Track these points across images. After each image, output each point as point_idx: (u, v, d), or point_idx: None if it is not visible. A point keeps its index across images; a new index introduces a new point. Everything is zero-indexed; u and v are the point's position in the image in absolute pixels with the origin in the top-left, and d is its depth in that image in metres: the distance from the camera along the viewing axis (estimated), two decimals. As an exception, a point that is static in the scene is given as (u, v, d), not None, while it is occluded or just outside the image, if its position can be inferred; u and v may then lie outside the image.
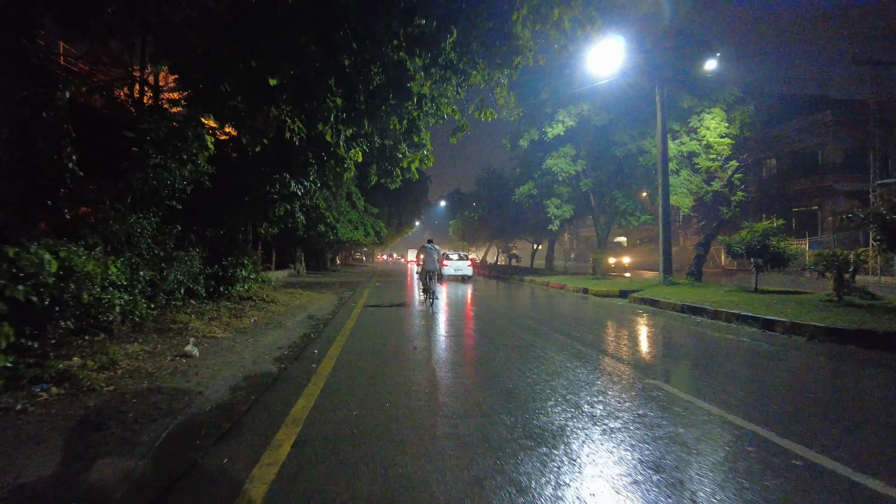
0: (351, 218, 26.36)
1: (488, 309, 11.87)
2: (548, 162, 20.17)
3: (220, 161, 10.91)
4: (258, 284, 13.06)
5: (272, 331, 8.27)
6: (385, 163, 13.36)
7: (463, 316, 10.46)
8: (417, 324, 9.19)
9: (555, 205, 20.78)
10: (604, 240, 22.18)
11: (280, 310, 11.06)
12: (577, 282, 19.01)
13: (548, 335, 7.95)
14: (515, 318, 10.04)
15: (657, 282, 17.01)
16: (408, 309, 11.71)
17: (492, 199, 33.35)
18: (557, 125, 19.54)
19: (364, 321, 9.44)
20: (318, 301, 13.38)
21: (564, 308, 12.42)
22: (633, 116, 19.87)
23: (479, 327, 8.90)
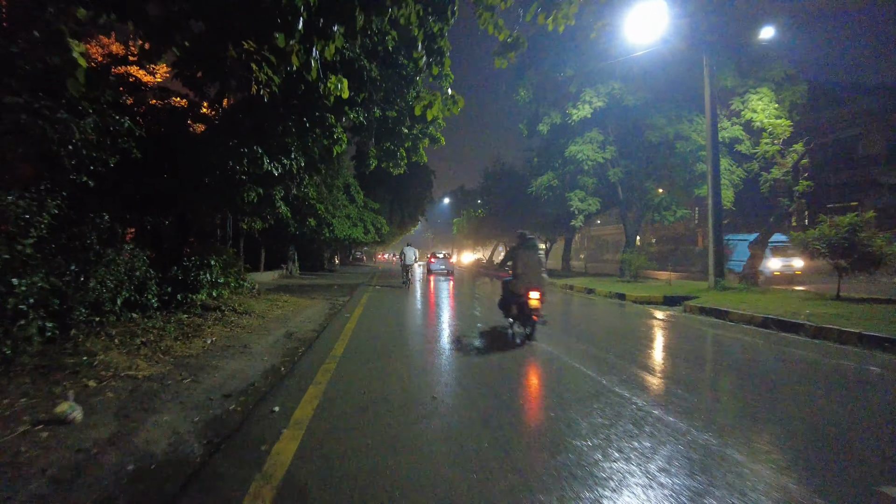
0: (349, 213, 23.97)
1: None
2: (571, 148, 17.74)
3: (174, 134, 8.50)
4: (232, 290, 10.66)
5: (229, 360, 5.88)
6: (386, 141, 10.95)
7: (501, 340, 8.05)
8: (435, 348, 6.77)
9: (578, 197, 18.34)
10: (633, 237, 19.74)
11: (253, 324, 8.67)
12: (606, 285, 16.59)
13: (615, 369, 5.54)
14: (563, 340, 7.62)
15: (706, 286, 14.59)
16: (417, 322, 9.31)
17: (501, 195, 30.92)
18: (583, 106, 17.11)
19: (359, 342, 7.04)
20: (306, 310, 10.98)
21: (608, 322, 10.01)
22: (669, 97, 17.44)
23: (528, 360, 6.49)
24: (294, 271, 23.75)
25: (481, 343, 7.20)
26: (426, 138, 10.63)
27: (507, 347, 6.91)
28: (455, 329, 8.30)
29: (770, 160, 14.74)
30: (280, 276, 21.93)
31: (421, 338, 7.51)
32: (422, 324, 9.07)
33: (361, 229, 25.05)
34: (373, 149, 11.48)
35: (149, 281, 8.40)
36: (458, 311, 11.13)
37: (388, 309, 11.46)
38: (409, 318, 9.96)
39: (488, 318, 9.55)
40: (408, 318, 9.83)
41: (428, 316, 10.23)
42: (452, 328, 8.39)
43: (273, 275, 20.91)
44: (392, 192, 33.41)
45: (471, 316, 10.19)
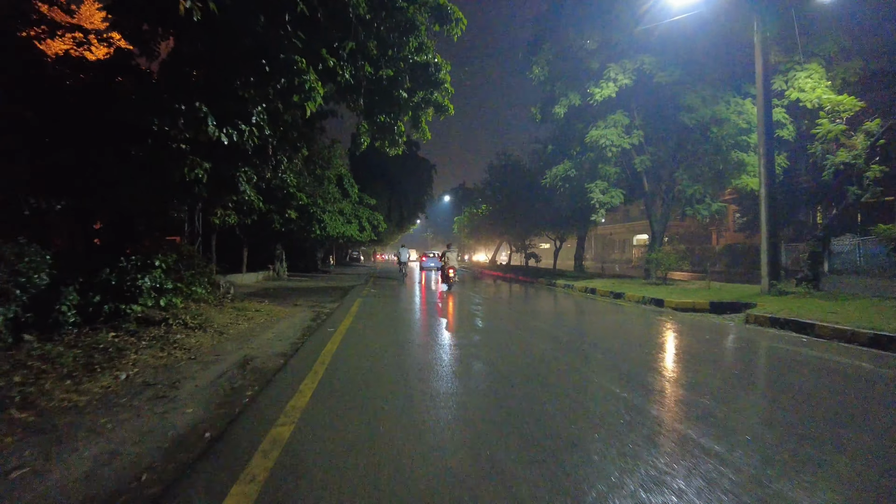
0: (342, 209, 21.82)
1: (557, 343, 7.30)
2: (592, 133, 15.61)
3: (90, 93, 6.34)
4: (194, 296, 8.51)
5: (127, 417, 3.75)
6: (381, 111, 8.79)
7: (528, 365, 5.90)
8: (443, 389, 4.61)
9: (600, 189, 16.20)
10: (660, 234, 17.60)
11: (203, 345, 6.54)
12: (634, 288, 14.47)
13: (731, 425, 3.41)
14: (611, 373, 5.48)
15: (755, 290, 12.49)
16: (416, 336, 7.15)
17: (507, 190, 28.77)
18: (607, 85, 15.00)
19: (337, 377, 4.89)
20: (281, 322, 8.83)
21: (659, 340, 7.87)
22: (705, 74, 15.33)
23: (568, 406, 4.31)
24: (281, 272, 21.59)
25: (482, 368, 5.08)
26: (430, 107, 8.51)
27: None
28: (467, 356, 6.16)
29: (833, 142, 12.62)
30: (265, 277, 19.76)
31: (425, 365, 5.37)
32: (422, 340, 6.92)
33: (356, 227, 22.90)
34: (364, 123, 9.35)
35: (63, 288, 6.29)
36: (454, 317, 9.01)
37: (381, 319, 9.31)
38: (406, 331, 7.81)
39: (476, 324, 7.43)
40: (405, 332, 7.68)
41: (427, 325, 8.10)
42: (460, 351, 6.25)
43: (256, 277, 18.74)
44: (390, 187, 31.26)
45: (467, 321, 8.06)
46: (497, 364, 5.47)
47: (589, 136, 15.69)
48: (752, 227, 30.65)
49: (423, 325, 8.66)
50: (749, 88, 15.68)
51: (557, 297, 14.74)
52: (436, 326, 8.43)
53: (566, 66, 16.41)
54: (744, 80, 15.83)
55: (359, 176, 27.31)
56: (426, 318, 9.67)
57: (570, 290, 16.62)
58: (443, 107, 8.42)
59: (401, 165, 31.94)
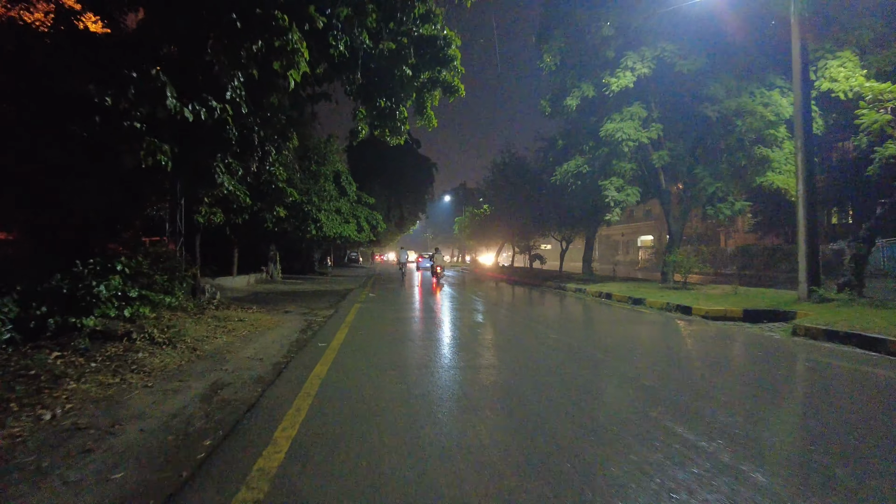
0: (339, 208, 20.71)
1: (584, 360, 6.21)
2: (607, 126, 14.54)
3: (17, 54, 5.22)
4: (157, 305, 7.40)
5: (23, 493, 2.64)
6: (381, 94, 7.71)
7: (559, 396, 4.80)
8: (461, 436, 3.50)
9: (615, 186, 15.12)
10: (678, 235, 16.51)
11: (167, 366, 5.45)
12: (654, 293, 13.39)
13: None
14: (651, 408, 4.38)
15: (791, 297, 11.42)
16: (422, 353, 6.05)
17: (511, 189, 27.69)
18: (624, 74, 13.94)
19: (327, 414, 3.79)
20: (266, 335, 7.74)
21: (706, 360, 6.81)
22: (728, 63, 14.28)
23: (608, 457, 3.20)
24: (275, 275, 20.48)
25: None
26: (438, 88, 7.43)
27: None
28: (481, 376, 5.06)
29: (881, 133, 11.54)
30: (257, 280, 18.65)
31: (435, 398, 4.27)
32: (428, 360, 5.82)
33: (354, 226, 21.80)
34: (362, 109, 8.26)
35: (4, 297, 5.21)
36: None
37: (380, 331, 8.21)
38: (408, 348, 6.71)
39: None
40: (407, 350, 6.58)
41: (433, 340, 7.00)
42: (475, 368, 5.16)
43: (248, 280, 17.63)
44: (389, 185, 30.15)
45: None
46: (522, 395, 4.37)
47: (604, 130, 14.62)
48: (764, 228, 29.61)
49: (428, 339, 7.56)
50: (775, 79, 14.64)
51: (571, 303, 13.66)
52: (442, 341, 7.33)
53: (579, 54, 15.35)
54: (769, 71, 14.78)
55: (357, 173, 26.20)
56: (430, 329, 8.57)
57: (583, 294, 15.54)
58: (452, 87, 7.33)
59: (401, 163, 30.87)
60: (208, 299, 11.93)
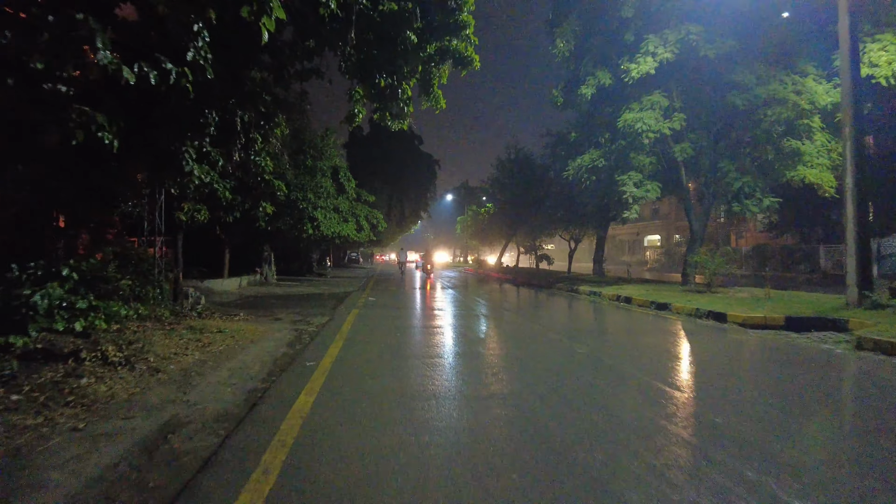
0: (338, 206, 19.63)
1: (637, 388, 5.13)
2: (626, 117, 13.45)
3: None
4: (112, 318, 6.30)
5: None
6: (381, 68, 6.62)
7: (601, 438, 3.72)
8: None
9: (634, 181, 14.03)
10: (700, 234, 15.41)
11: (115, 394, 4.40)
12: (678, 298, 12.31)
13: None
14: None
15: (835, 302, 10.35)
16: (438, 389, 4.95)
17: (517, 187, 26.60)
18: (645, 60, 12.86)
19: (308, 489, 2.71)
20: (246, 350, 6.64)
21: (768, 383, 5.74)
22: (758, 48, 13.20)
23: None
24: (269, 277, 19.39)
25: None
26: (447, 60, 6.34)
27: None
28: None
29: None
30: (250, 283, 17.57)
31: (452, 451, 3.19)
32: (437, 386, 4.74)
33: (353, 225, 20.71)
34: (358, 88, 7.18)
35: None
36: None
37: (380, 342, 7.13)
38: (414, 368, 5.62)
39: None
40: (412, 371, 5.50)
41: (441, 358, 5.92)
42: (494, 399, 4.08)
43: (239, 282, 16.55)
44: (390, 183, 29.07)
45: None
46: (561, 441, 3.28)
47: (622, 121, 13.53)
48: (780, 227, 28.49)
49: (435, 356, 6.47)
50: (805, 66, 13.54)
51: (588, 308, 12.57)
52: (452, 359, 6.25)
53: (595, 39, 14.28)
54: (799, 57, 13.69)
55: (356, 170, 25.12)
56: (437, 343, 7.48)
57: (598, 298, 14.44)
58: (465, 58, 6.25)
59: (402, 160, 29.85)
60: (191, 305, 10.87)
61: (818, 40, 13.67)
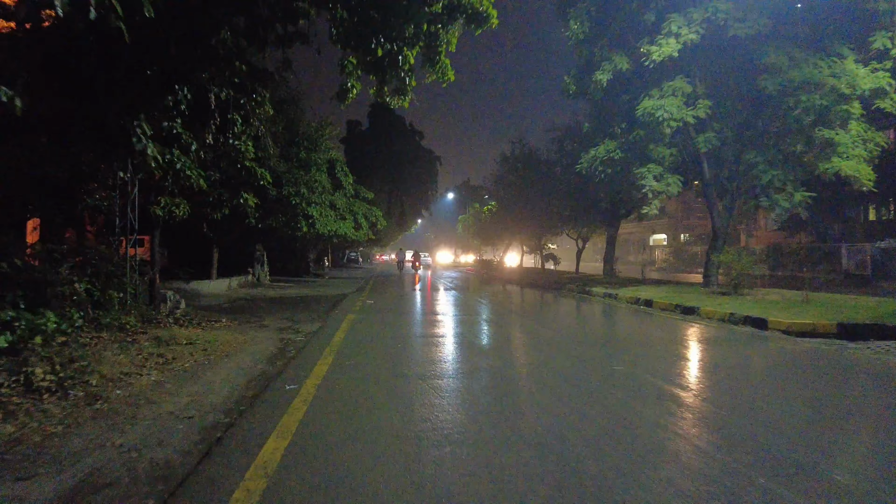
0: (335, 202, 18.56)
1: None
2: (646, 104, 12.38)
3: None
4: (36, 332, 5.21)
5: None
6: (378, 35, 5.55)
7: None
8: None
9: (654, 174, 12.95)
10: (724, 230, 14.33)
11: (21, 437, 3.30)
12: (705, 301, 11.26)
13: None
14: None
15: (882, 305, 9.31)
16: (454, 427, 3.88)
17: (522, 183, 25.53)
18: (667, 42, 11.80)
19: None
20: (218, 367, 5.57)
21: (861, 417, 4.67)
22: (793, 27, 12.15)
23: None
24: (262, 278, 18.32)
25: None
26: (459, 18, 5.27)
27: None
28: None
29: None
30: (241, 284, 16.49)
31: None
32: (452, 421, 3.67)
33: (351, 223, 19.63)
34: (351, 59, 6.11)
35: None
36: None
37: (377, 357, 6.06)
38: (419, 393, 4.56)
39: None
40: (418, 396, 4.43)
41: (451, 378, 4.85)
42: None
43: (229, 284, 15.48)
44: (390, 180, 27.98)
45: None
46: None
47: (641, 108, 12.44)
48: (795, 226, 27.38)
49: (443, 376, 5.40)
50: (841, 49, 12.45)
51: (607, 313, 11.50)
52: (465, 381, 5.17)
53: (612, 20, 13.20)
54: (834, 39, 12.62)
55: (354, 166, 24.05)
56: (444, 358, 6.41)
57: (615, 301, 13.38)
58: (480, 14, 5.17)
59: (402, 156, 28.75)
60: (169, 310, 9.82)
61: (854, 21, 12.62)
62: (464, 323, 9.43)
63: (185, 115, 6.61)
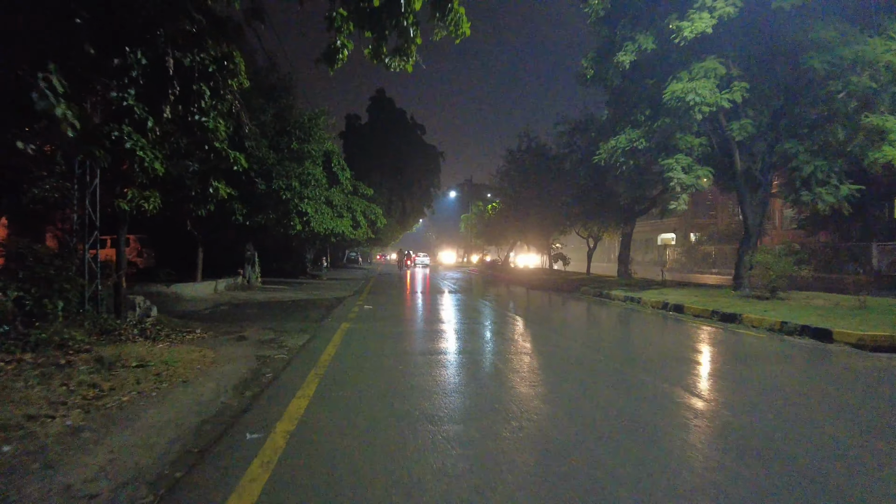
0: (331, 198, 17.31)
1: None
2: (674, 87, 11.11)
3: None
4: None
5: None
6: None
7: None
8: None
9: (682, 165, 11.67)
10: (756, 228, 13.07)
11: None
12: (744, 307, 10.03)
13: None
14: None
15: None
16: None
17: (530, 179, 24.27)
18: (701, 16, 10.54)
19: None
20: (166, 402, 4.30)
21: None
22: (835, 2, 10.91)
23: None
24: (253, 280, 17.05)
25: None
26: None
27: None
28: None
29: None
30: (228, 287, 15.23)
31: None
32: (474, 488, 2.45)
33: (349, 221, 18.36)
34: (341, 10, 4.86)
35: None
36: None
37: (374, 382, 4.80)
38: (429, 440, 3.31)
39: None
40: (429, 448, 3.18)
41: (465, 399, 3.60)
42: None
43: (215, 286, 14.22)
44: (390, 176, 26.70)
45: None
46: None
47: (669, 92, 11.18)
48: (816, 224, 26.04)
49: (459, 419, 4.15)
50: (890, 24, 11.19)
51: (635, 321, 10.25)
52: (487, 429, 3.91)
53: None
54: (880, 14, 11.38)
55: (353, 162, 22.79)
56: (456, 386, 5.16)
57: (639, 306, 12.12)
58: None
59: (403, 151, 27.47)
60: (138, 319, 8.60)
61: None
62: (473, 335, 8.18)
63: (139, 84, 5.39)
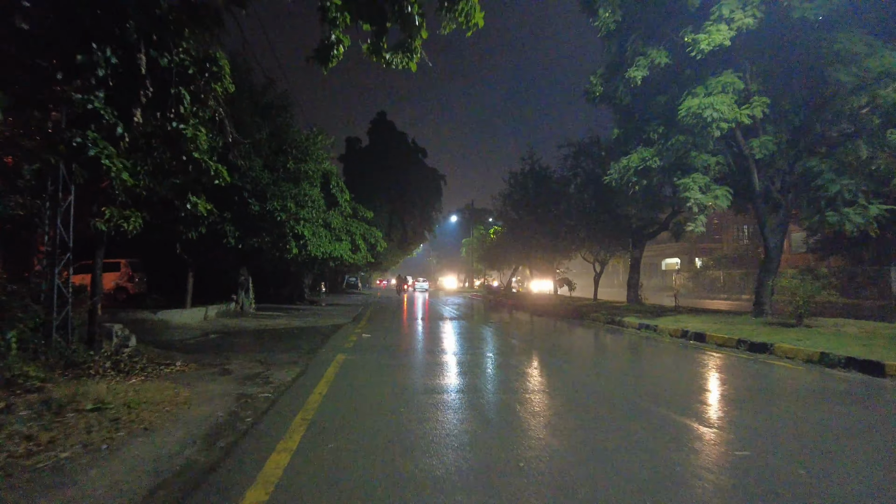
0: (329, 221, 16.65)
1: None
2: (690, 103, 10.56)
3: None
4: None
5: None
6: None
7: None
8: None
9: (700, 185, 11.03)
10: (777, 251, 12.37)
11: None
12: (772, 335, 9.26)
13: None
14: None
15: None
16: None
17: (533, 202, 23.70)
18: (718, 28, 10.06)
19: None
20: (113, 459, 3.50)
21: None
22: (865, 11, 10.44)
23: None
24: (247, 306, 16.26)
25: None
26: None
27: None
28: None
29: None
30: (220, 314, 14.45)
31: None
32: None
33: (348, 245, 17.66)
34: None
35: None
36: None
37: (371, 432, 4.01)
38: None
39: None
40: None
41: (483, 463, 2.85)
42: None
43: (205, 313, 13.44)
44: (391, 199, 26.13)
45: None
46: None
47: (685, 108, 10.63)
48: (827, 248, 25.37)
49: (475, 486, 3.37)
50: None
51: (655, 352, 9.44)
52: (514, 491, 3.13)
53: (648, 8, 11.45)
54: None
55: (353, 185, 22.26)
56: (470, 436, 4.37)
57: (655, 334, 11.32)
58: None
59: (404, 174, 27.02)
60: (115, 349, 7.86)
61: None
62: (482, 368, 7.39)
63: (108, 86, 4.78)
